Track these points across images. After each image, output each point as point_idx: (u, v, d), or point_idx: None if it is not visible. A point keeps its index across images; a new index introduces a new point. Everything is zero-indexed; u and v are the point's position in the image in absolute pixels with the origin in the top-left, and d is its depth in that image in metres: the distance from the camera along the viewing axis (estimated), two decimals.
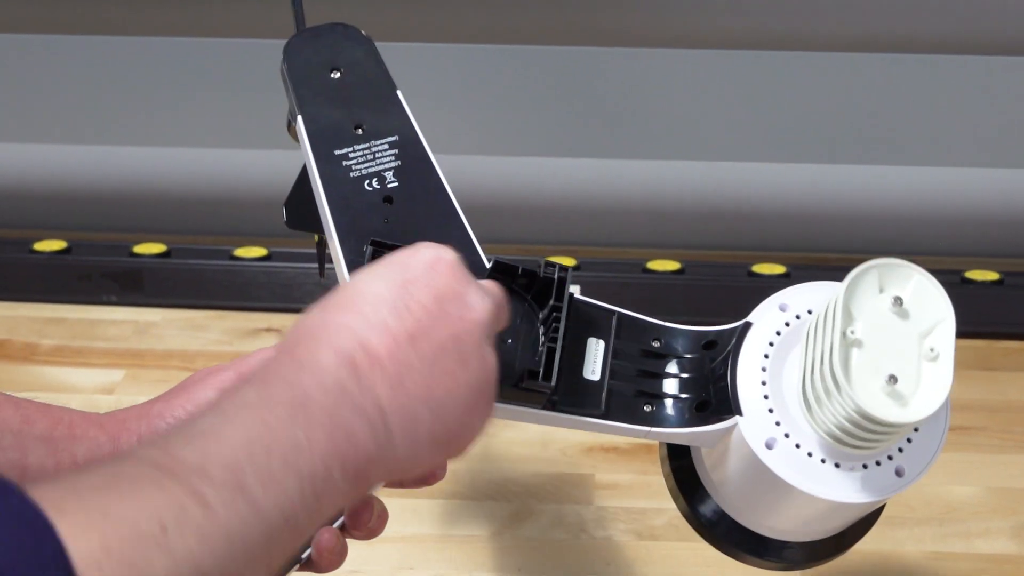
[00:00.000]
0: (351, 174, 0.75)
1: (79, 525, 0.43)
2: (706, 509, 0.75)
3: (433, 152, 0.77)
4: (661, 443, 0.76)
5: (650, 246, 1.53)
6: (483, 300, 0.60)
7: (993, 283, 1.40)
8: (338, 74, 0.81)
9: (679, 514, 0.76)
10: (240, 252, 1.45)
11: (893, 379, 0.63)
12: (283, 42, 0.83)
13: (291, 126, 0.81)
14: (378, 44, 0.83)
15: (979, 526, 1.09)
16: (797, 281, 1.49)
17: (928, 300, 0.65)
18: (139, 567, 0.43)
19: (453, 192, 0.76)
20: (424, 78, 1.44)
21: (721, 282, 1.42)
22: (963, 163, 1.48)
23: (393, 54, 0.81)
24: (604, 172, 1.50)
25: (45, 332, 1.38)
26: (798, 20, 1.41)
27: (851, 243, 1.53)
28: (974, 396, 1.26)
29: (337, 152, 0.76)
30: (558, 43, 1.44)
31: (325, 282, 0.76)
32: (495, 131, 1.49)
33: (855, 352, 0.64)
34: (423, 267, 0.59)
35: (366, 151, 0.77)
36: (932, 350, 0.64)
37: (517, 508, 1.13)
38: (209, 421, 0.51)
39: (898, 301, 0.65)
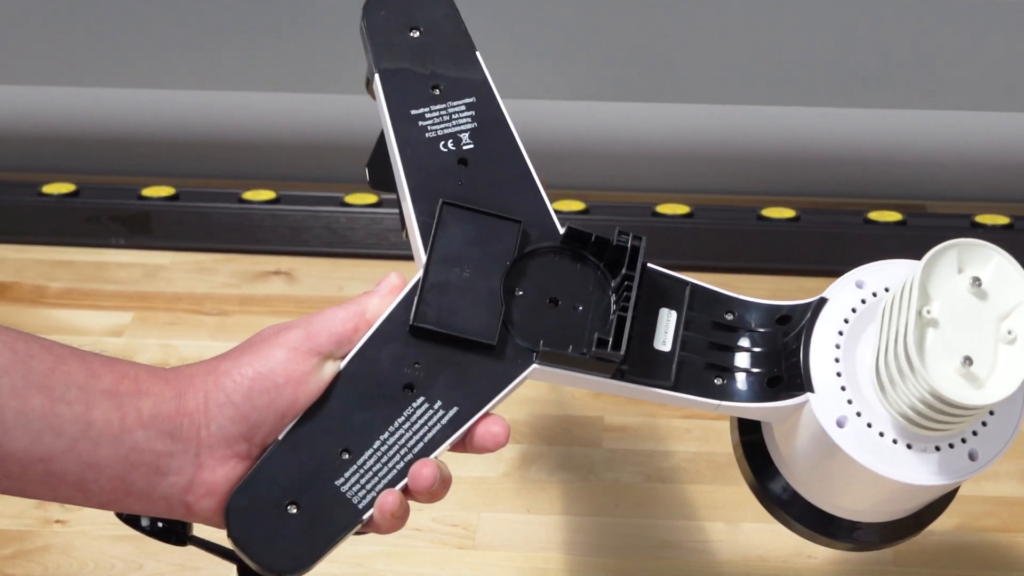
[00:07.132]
0: (427, 135, 0.74)
1: None
2: (776, 486, 0.74)
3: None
4: (732, 416, 0.76)
5: (659, 190, 1.53)
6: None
7: (1003, 227, 1.40)
8: (417, 33, 0.79)
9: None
10: (249, 195, 1.45)
11: (968, 360, 0.62)
12: None
13: (369, 84, 0.79)
14: None
15: (988, 469, 1.10)
16: (807, 225, 1.49)
17: (1008, 282, 0.64)
18: None
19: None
20: None
21: (730, 226, 1.41)
22: (973, 106, 1.47)
23: None
24: (613, 115, 1.50)
25: (53, 275, 1.38)
26: None
27: (861, 187, 1.52)
28: None
29: (413, 112, 0.75)
30: None
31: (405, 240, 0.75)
32: (504, 73, 1.48)
33: (930, 332, 0.62)
34: None
35: (442, 112, 0.76)
36: (1010, 333, 0.63)
37: (526, 450, 1.13)
38: None
39: (976, 282, 0.63)
